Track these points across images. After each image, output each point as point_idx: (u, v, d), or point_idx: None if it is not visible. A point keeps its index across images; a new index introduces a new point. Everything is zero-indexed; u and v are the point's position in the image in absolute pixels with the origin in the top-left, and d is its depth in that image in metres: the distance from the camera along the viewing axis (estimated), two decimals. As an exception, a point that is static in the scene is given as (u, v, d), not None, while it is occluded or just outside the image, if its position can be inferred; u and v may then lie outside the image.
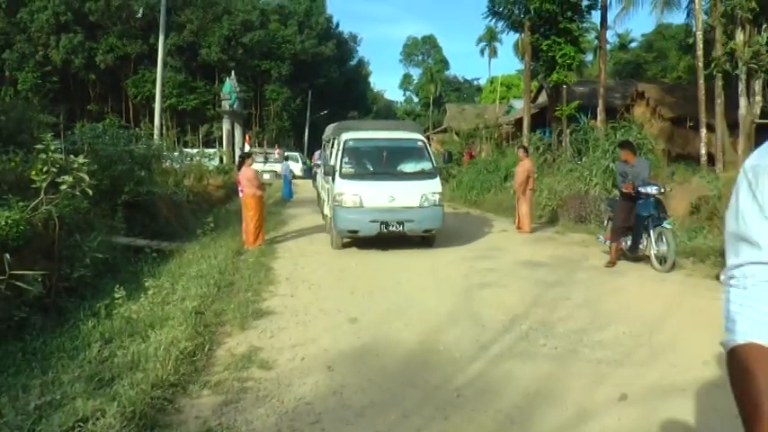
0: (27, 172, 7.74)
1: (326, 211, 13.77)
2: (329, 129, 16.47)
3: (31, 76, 49.74)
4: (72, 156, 7.75)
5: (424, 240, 12.46)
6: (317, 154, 24.44)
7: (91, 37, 51.60)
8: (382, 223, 11.40)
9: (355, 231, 11.66)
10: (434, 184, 12.09)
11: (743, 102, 15.98)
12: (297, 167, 41.58)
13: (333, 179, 12.02)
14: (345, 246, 12.33)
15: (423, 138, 13.33)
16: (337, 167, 12.02)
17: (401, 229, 11.49)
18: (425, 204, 11.76)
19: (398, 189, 11.76)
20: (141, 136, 16.90)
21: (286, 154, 41.09)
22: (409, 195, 11.70)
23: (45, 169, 7.04)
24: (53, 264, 7.18)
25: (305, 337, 6.30)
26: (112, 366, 5.18)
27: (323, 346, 6.00)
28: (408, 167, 12.64)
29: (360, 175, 12.12)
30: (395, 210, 11.56)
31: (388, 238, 11.88)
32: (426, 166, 12.48)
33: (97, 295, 7.53)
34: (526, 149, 16.01)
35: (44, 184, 7.01)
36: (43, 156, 7.09)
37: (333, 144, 13.96)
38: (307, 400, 4.73)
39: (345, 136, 12.64)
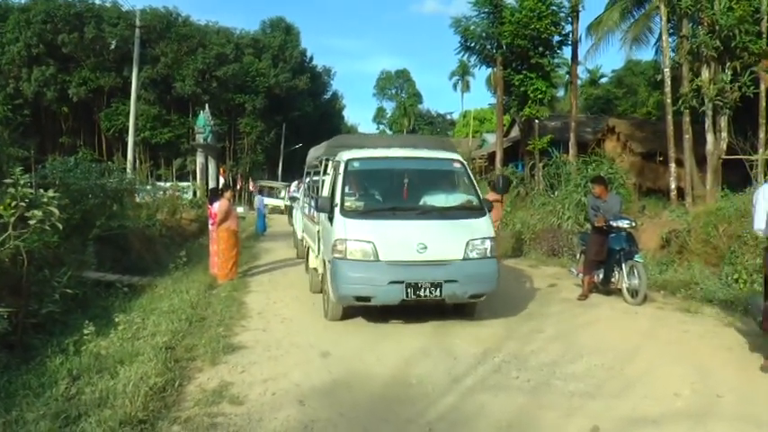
0: (-5, 207, 7.63)
1: (314, 262, 10.32)
2: (317, 149, 12.74)
3: (1, 109, 49.26)
4: (42, 190, 7.67)
5: (460, 308, 8.70)
6: (293, 185, 24.10)
7: (63, 69, 51.31)
8: (409, 286, 7.64)
9: (366, 298, 7.83)
10: (483, 226, 8.35)
11: (710, 137, 16.29)
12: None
13: (330, 218, 8.32)
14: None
15: (461, 158, 9.45)
16: (337, 200, 8.30)
17: (437, 294, 7.73)
18: (472, 255, 8.02)
19: (432, 233, 7.99)
20: (114, 169, 16.77)
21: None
22: (448, 242, 8.02)
23: (13, 204, 6.94)
24: (20, 300, 7.05)
25: (276, 371, 6.24)
26: (80, 404, 5.09)
27: (294, 380, 5.94)
28: (444, 201, 8.88)
29: (372, 212, 8.44)
30: (427, 265, 7.82)
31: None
32: (470, 198, 8.79)
33: (66, 331, 7.39)
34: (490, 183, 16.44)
35: (12, 219, 6.90)
36: (12, 190, 7.00)
37: (325, 169, 10.50)
38: (278, 436, 4.68)
39: (347, 155, 8.91)
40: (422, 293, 7.70)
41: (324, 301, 8.92)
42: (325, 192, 9.55)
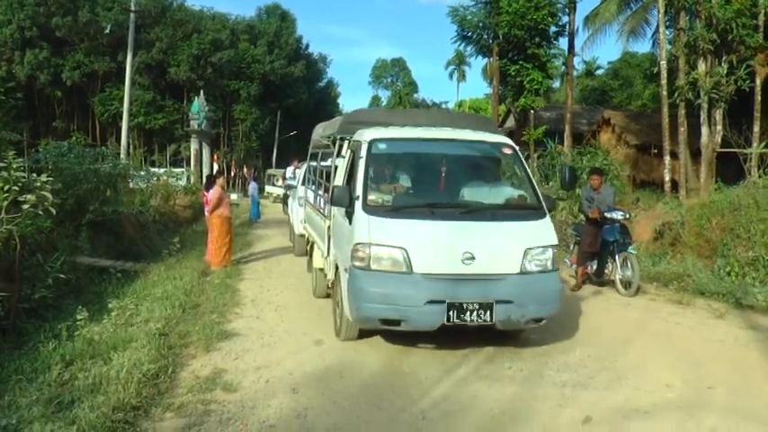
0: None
1: (320, 262, 8.52)
2: (327, 126, 10.14)
3: (-7, 92, 48.85)
4: (35, 174, 7.64)
5: (505, 332, 6.64)
6: (288, 170, 23.45)
7: (57, 53, 50.79)
8: (451, 307, 5.93)
9: (395, 322, 6.07)
10: (544, 230, 6.58)
11: (705, 130, 16.32)
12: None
13: (350, 214, 6.50)
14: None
15: (511, 143, 7.49)
16: (358, 192, 6.48)
17: (487, 317, 5.99)
18: (531, 268, 6.29)
19: (480, 239, 6.22)
20: (108, 154, 16.70)
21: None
22: (501, 251, 6.28)
23: (6, 188, 6.91)
24: (13, 285, 7.04)
25: (270, 359, 6.24)
26: (73, 389, 5.09)
27: (288, 368, 5.95)
28: (493, 196, 7.08)
29: (404, 209, 6.53)
30: (475, 280, 6.09)
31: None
32: (526, 194, 7.05)
33: (59, 316, 7.38)
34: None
35: (5, 203, 6.87)
36: (4, 174, 6.97)
37: (339, 150, 8.40)
38: (271, 422, 4.69)
39: (369, 135, 7.04)
40: (467, 317, 5.98)
41: (335, 315, 7.26)
42: (339, 180, 7.72)
